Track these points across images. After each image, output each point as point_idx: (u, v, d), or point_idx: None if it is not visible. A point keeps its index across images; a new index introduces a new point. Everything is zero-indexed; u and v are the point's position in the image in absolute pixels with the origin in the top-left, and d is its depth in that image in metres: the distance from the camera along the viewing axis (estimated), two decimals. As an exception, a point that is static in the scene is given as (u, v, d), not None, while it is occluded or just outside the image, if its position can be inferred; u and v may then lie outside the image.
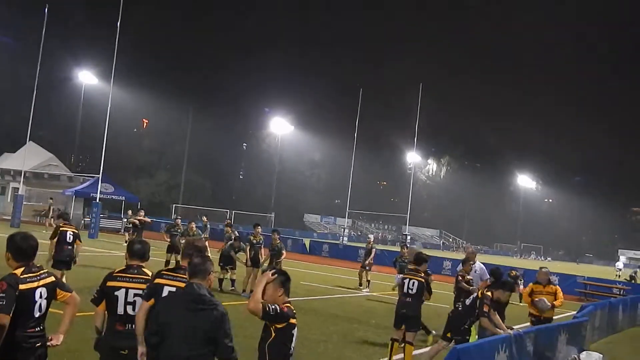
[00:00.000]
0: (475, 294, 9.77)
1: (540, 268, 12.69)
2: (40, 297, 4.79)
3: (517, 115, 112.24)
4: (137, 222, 23.77)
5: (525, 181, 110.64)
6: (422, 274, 10.22)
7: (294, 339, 5.02)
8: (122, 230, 36.42)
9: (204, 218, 21.68)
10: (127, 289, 5.50)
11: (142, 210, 25.18)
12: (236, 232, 18.74)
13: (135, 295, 5.48)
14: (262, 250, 17.08)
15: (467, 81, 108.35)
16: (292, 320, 4.99)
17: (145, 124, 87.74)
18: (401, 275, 11.87)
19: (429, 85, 65.55)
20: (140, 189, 67.40)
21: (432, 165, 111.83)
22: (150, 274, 5.65)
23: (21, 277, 4.68)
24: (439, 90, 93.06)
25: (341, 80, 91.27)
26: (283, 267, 8.03)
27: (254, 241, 17.03)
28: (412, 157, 67.35)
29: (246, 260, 16.76)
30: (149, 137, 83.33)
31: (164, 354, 4.59)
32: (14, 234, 4.98)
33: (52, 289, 4.90)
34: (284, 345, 4.97)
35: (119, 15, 36.96)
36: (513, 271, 21.37)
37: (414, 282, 10.03)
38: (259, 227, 17.74)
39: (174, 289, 5.26)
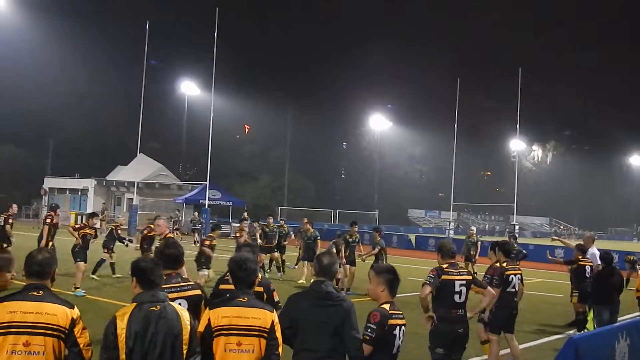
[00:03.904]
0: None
1: None
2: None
3: (625, 93, 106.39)
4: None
5: (638, 160, 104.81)
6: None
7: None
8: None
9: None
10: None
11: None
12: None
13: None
14: (360, 247, 17.24)
15: (570, 61, 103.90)
16: (392, 322, 5.28)
17: (247, 130, 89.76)
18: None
19: (530, 68, 63.55)
20: (246, 193, 68.86)
21: (537, 151, 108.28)
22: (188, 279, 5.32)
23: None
24: (540, 72, 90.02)
25: (438, 71, 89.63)
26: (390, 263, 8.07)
27: (350, 240, 17.22)
28: (516, 145, 65.26)
29: (340, 258, 16.75)
30: (251, 142, 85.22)
31: (298, 348, 4.93)
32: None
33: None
34: None
35: (215, 26, 38.15)
36: (630, 256, 20.55)
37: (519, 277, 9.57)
38: (356, 225, 18.06)
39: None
